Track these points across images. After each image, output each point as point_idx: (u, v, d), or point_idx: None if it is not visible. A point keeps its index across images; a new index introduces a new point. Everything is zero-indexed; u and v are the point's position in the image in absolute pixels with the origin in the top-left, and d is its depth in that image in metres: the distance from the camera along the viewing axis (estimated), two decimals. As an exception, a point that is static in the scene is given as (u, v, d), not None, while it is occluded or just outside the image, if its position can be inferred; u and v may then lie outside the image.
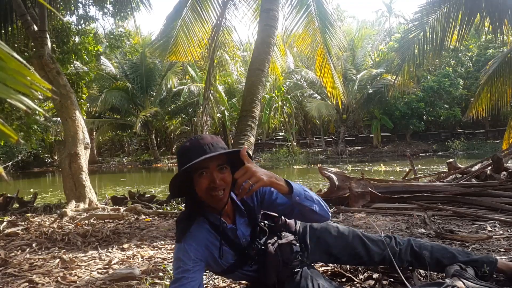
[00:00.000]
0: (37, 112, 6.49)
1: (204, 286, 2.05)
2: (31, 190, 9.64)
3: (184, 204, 1.68)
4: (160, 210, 4.74)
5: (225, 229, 1.55)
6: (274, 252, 1.61)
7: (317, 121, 30.91)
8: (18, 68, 0.65)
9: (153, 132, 27.18)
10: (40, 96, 0.70)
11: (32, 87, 0.67)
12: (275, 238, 1.64)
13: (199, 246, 1.49)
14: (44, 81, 0.68)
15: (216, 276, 2.13)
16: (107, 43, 7.84)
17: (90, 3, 7.04)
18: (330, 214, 1.59)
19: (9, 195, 5.76)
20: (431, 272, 1.87)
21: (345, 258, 1.83)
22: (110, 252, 2.89)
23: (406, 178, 5.60)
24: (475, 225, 3.11)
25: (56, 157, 26.53)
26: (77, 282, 2.24)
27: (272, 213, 1.71)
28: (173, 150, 30.89)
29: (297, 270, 1.69)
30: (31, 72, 0.66)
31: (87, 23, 7.18)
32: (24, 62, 0.67)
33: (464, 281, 1.57)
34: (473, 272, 1.68)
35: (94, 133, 24.70)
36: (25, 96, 0.66)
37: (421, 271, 1.94)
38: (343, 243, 1.80)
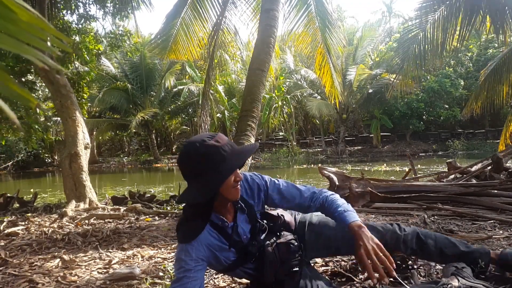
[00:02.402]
0: (37, 110, 6.49)
1: (205, 285, 2.06)
2: (31, 190, 9.64)
3: (184, 205, 1.66)
4: (160, 210, 4.75)
5: (226, 227, 1.56)
6: (272, 251, 1.61)
7: (317, 121, 30.93)
8: (31, 21, 0.57)
9: (153, 132, 27.19)
10: (59, 53, 0.62)
11: (49, 41, 0.59)
12: (274, 237, 1.65)
13: (200, 246, 1.50)
14: (62, 34, 0.60)
15: (217, 276, 2.14)
16: (108, 43, 7.84)
17: (90, 2, 7.04)
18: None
19: (9, 195, 5.76)
20: (433, 262, 1.87)
21: (344, 249, 1.81)
22: (110, 252, 2.89)
23: (406, 178, 5.60)
24: (475, 225, 3.11)
25: (56, 157, 26.53)
26: (77, 282, 2.24)
27: (271, 213, 1.71)
28: (173, 150, 30.91)
29: (296, 269, 1.69)
30: (46, 24, 0.58)
31: (88, 22, 7.18)
32: (38, 14, 0.59)
33: (460, 278, 1.59)
34: (470, 272, 1.69)
35: (94, 133, 24.73)
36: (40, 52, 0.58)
37: (421, 271, 1.94)
38: (342, 234, 1.76)
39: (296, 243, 1.69)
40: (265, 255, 1.60)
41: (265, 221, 1.67)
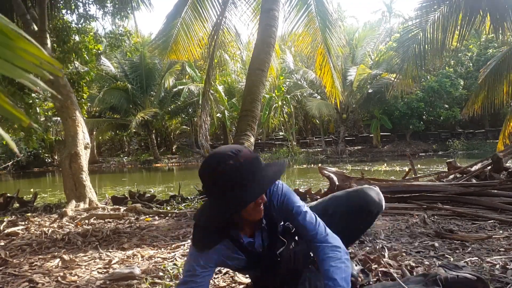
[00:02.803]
0: (37, 110, 6.49)
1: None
2: (31, 190, 9.64)
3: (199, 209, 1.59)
4: (160, 210, 4.75)
5: (242, 244, 1.52)
6: (288, 258, 1.58)
7: (317, 120, 30.91)
8: (26, 47, 0.62)
9: (153, 132, 27.18)
10: (50, 76, 0.68)
11: (42, 66, 0.64)
12: (292, 244, 1.61)
13: (212, 254, 1.48)
14: (55, 60, 0.65)
15: (216, 276, 2.14)
16: (107, 43, 7.83)
17: (90, 2, 7.04)
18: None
19: (9, 194, 5.76)
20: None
21: None
22: (110, 252, 2.89)
23: (406, 177, 5.60)
24: (475, 225, 3.11)
25: (56, 157, 26.52)
26: (77, 281, 2.24)
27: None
28: (173, 150, 30.90)
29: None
30: (40, 50, 0.63)
31: (87, 22, 7.18)
32: (32, 40, 0.63)
33: (447, 270, 1.62)
34: (470, 269, 1.72)
35: (94, 132, 24.72)
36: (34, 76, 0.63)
37: (419, 270, 1.94)
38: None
39: (312, 255, 1.65)
40: (281, 262, 1.56)
41: (290, 225, 1.58)
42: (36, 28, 5.43)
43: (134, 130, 23.74)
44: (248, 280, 1.99)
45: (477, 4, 6.10)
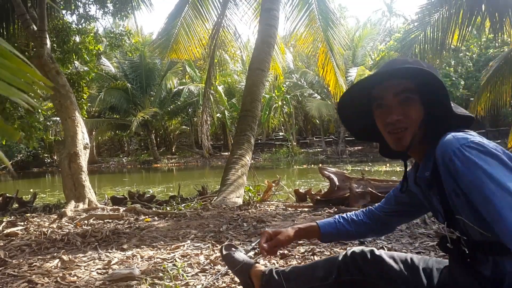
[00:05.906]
0: (39, 110, 6.49)
1: (207, 286, 2.05)
2: (31, 190, 9.63)
3: None
4: (160, 210, 4.73)
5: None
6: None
7: (317, 121, 30.92)
8: (19, 66, 0.66)
9: (153, 132, 27.18)
10: (42, 94, 0.70)
11: (34, 85, 0.67)
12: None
13: None
14: (46, 79, 0.69)
15: (216, 277, 2.12)
16: (108, 42, 7.83)
17: (90, 2, 7.03)
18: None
19: (8, 195, 5.75)
20: None
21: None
22: (109, 252, 2.87)
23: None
24: (476, 226, 3.09)
25: (55, 157, 26.53)
26: (77, 282, 2.22)
27: None
28: (173, 150, 30.91)
29: None
30: (32, 70, 0.66)
31: (88, 22, 7.17)
32: (26, 60, 0.67)
33: None
34: None
35: (94, 133, 24.71)
36: (27, 94, 0.66)
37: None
38: None
39: None
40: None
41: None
42: (35, 28, 5.42)
43: (134, 130, 23.75)
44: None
45: (477, 5, 6.10)
